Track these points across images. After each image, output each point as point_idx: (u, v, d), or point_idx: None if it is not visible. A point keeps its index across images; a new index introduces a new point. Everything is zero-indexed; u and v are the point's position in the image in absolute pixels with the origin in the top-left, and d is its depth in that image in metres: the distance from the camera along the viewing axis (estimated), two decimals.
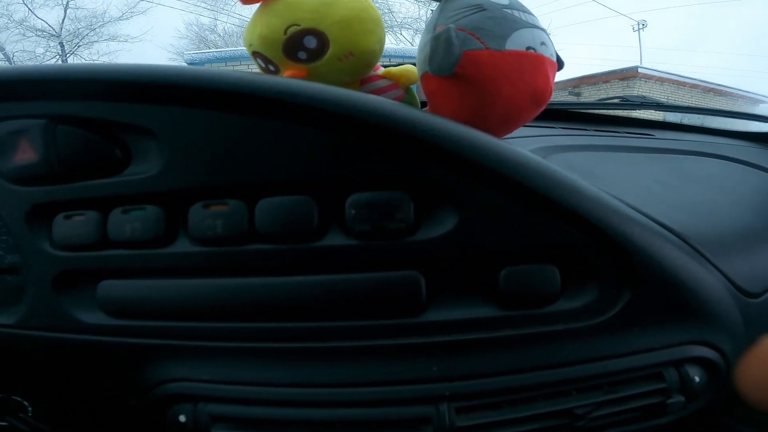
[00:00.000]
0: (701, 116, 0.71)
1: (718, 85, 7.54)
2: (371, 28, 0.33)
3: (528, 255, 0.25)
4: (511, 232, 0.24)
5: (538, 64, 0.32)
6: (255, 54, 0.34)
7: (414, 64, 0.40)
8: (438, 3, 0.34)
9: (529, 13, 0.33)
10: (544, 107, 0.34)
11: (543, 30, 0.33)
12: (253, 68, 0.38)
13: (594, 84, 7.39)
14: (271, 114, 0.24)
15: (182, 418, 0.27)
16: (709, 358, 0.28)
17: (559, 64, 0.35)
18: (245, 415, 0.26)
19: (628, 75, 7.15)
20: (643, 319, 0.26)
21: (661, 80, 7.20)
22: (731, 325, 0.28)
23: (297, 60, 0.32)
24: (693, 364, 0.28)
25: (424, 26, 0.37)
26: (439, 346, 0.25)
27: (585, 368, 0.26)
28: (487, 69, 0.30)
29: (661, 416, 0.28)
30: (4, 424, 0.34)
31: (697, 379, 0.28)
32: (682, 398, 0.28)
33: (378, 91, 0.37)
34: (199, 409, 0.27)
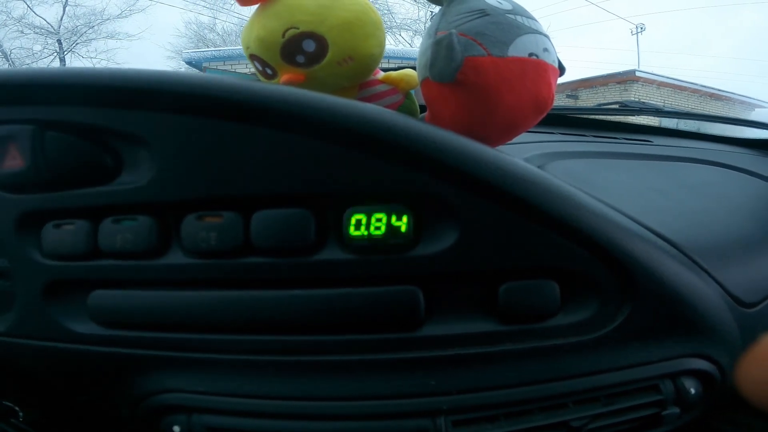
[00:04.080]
0: (698, 121, 0.71)
1: (716, 89, 7.55)
2: (371, 31, 0.33)
3: (528, 270, 0.24)
4: (512, 247, 0.24)
5: (541, 71, 0.31)
6: (252, 57, 0.33)
7: (413, 67, 0.39)
8: (440, 7, 0.33)
9: (532, 19, 0.32)
10: (545, 114, 0.33)
11: (546, 36, 0.32)
12: (252, 68, 0.37)
13: (591, 87, 7.38)
14: (268, 123, 0.24)
15: (176, 429, 0.27)
16: (705, 370, 0.28)
17: (561, 69, 0.35)
18: (241, 427, 0.26)
19: (625, 78, 7.15)
20: (642, 334, 0.26)
21: (659, 84, 7.21)
22: (728, 336, 0.29)
23: (295, 64, 0.31)
24: (689, 376, 0.28)
25: (423, 27, 0.36)
26: (437, 360, 0.25)
27: (582, 382, 0.26)
28: (489, 76, 0.29)
29: (656, 427, 0.28)
30: None
31: (692, 390, 0.28)
32: (677, 410, 0.28)
33: (377, 96, 0.36)
34: (194, 421, 0.26)
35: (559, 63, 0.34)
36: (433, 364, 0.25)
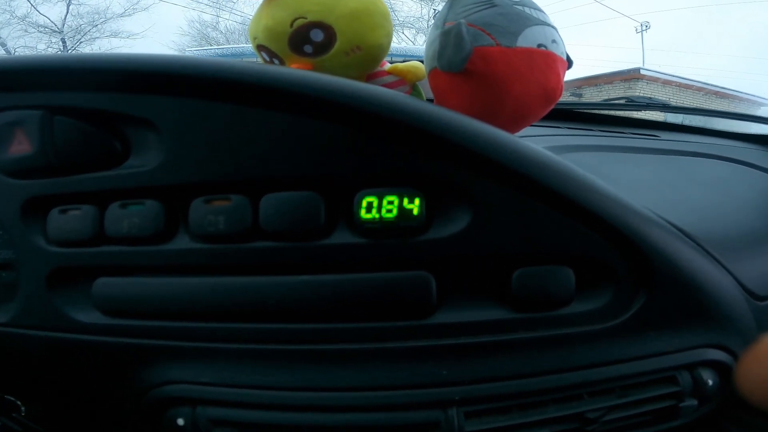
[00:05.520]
0: (704, 117, 0.71)
1: (721, 87, 7.47)
2: (379, 21, 0.33)
3: (542, 256, 0.24)
4: (525, 232, 0.23)
5: (550, 62, 0.31)
6: (260, 47, 0.33)
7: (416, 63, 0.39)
8: None
9: (540, 10, 0.32)
10: (554, 105, 0.33)
11: (554, 27, 0.32)
12: None
13: (596, 85, 7.33)
14: (278, 106, 0.23)
15: (180, 422, 0.26)
16: (722, 361, 0.27)
17: (569, 62, 0.35)
18: (247, 419, 0.25)
19: (630, 76, 7.10)
20: (658, 322, 0.26)
21: (664, 82, 7.17)
22: (744, 327, 0.28)
23: (303, 54, 0.31)
24: (706, 367, 0.27)
25: (426, 26, 0.36)
26: (449, 349, 0.24)
27: (597, 372, 0.25)
28: (498, 66, 0.29)
29: (673, 419, 0.27)
30: None
31: (710, 382, 0.27)
32: (695, 401, 0.27)
33: (384, 87, 0.36)
34: (198, 413, 0.26)
35: (567, 56, 0.34)
36: (445, 353, 0.24)
